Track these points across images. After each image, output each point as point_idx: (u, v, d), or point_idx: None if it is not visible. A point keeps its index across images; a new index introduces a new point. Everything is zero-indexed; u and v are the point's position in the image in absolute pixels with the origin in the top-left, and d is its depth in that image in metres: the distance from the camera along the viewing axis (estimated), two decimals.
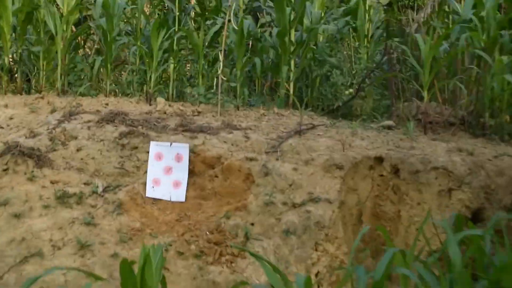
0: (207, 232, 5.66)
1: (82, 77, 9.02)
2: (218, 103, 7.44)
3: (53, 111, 7.58)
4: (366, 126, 7.51)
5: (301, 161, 6.24)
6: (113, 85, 9.13)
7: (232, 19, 7.64)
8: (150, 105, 7.81)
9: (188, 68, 10.77)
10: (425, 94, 7.21)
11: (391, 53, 8.62)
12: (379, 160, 6.26)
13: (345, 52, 9.38)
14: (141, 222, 5.75)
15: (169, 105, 7.50)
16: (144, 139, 6.36)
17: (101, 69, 8.69)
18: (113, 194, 5.93)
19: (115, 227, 5.65)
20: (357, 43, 9.58)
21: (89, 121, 6.70)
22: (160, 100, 7.45)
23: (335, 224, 5.79)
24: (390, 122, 7.55)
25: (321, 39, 9.74)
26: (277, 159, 6.26)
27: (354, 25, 10.33)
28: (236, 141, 6.44)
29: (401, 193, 6.15)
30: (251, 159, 6.18)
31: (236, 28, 7.69)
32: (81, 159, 6.25)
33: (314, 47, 9.30)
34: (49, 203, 5.67)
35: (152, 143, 6.26)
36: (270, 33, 9.56)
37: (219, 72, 7.45)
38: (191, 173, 6.22)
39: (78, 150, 6.33)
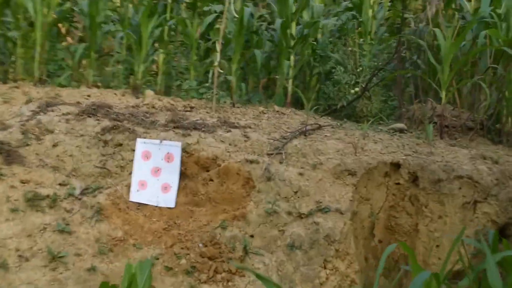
0: (200, 244, 4.91)
1: (63, 67, 8.20)
2: (213, 98, 6.69)
3: (28, 101, 6.78)
4: (376, 129, 6.80)
5: (308, 165, 5.51)
6: (97, 76, 8.34)
7: (232, 6, 6.88)
8: (137, 98, 7.05)
9: (177, 60, 10.03)
10: (443, 95, 6.51)
11: (400, 50, 7.91)
12: (396, 166, 5.54)
13: (349, 49, 8.63)
14: (123, 231, 4.99)
15: (159, 99, 6.73)
16: (130, 136, 5.60)
17: (84, 59, 7.88)
18: (92, 197, 5.16)
19: (94, 236, 4.88)
20: (361, 40, 8.83)
21: (68, 114, 5.92)
22: (149, 92, 6.69)
23: (346, 238, 5.06)
24: (401, 125, 6.84)
25: (319, 35, 9.03)
26: (280, 162, 5.53)
27: (357, 20, 9.59)
28: (235, 141, 5.69)
29: (419, 204, 5.44)
30: (251, 162, 5.45)
31: (236, 16, 6.91)
32: (57, 156, 5.47)
33: (314, 43, 8.62)
34: (17, 206, 4.89)
35: (139, 140, 5.50)
36: (266, 26, 8.90)
37: (216, 64, 6.68)
38: (183, 175, 5.46)
39: (54, 145, 5.54)
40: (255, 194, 5.27)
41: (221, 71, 6.83)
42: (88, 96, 6.78)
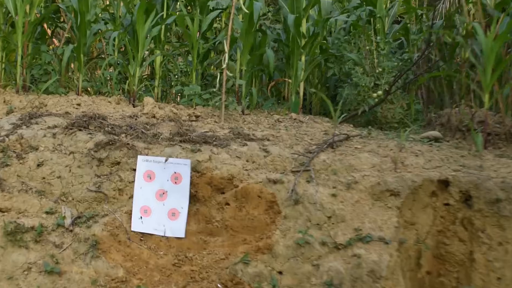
0: (219, 285, 4.04)
1: (49, 72, 7.28)
2: (221, 106, 5.81)
3: (9, 112, 5.91)
4: (407, 137, 5.94)
5: (341, 184, 4.65)
6: (87, 81, 7.43)
7: (240, 0, 6.00)
8: (134, 106, 6.17)
9: (172, 63, 9.17)
10: (485, 98, 5.66)
11: (428, 49, 7.10)
12: (444, 184, 4.69)
13: (367, 47, 7.79)
14: (125, 269, 4.12)
15: (159, 107, 5.84)
16: (129, 152, 4.73)
17: (72, 62, 6.99)
18: (86, 228, 4.29)
19: (89, 277, 4.02)
20: (378, 37, 8.00)
21: (54, 127, 5.04)
22: (148, 100, 5.80)
23: (394, 273, 4.20)
24: (436, 133, 5.99)
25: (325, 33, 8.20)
26: (308, 181, 4.67)
27: (373, 16, 8.74)
28: (253, 156, 4.83)
29: (474, 229, 4.59)
30: (274, 181, 4.59)
31: (246, 11, 6.03)
32: (43, 178, 4.60)
33: (325, 42, 7.79)
34: None
35: (140, 158, 4.63)
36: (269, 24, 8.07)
37: (224, 66, 5.81)
38: (193, 198, 4.60)
39: (39, 165, 4.68)
40: (282, 220, 4.41)
41: (230, 74, 5.95)
42: (78, 105, 5.90)
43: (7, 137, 4.87)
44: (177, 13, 7.32)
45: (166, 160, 4.59)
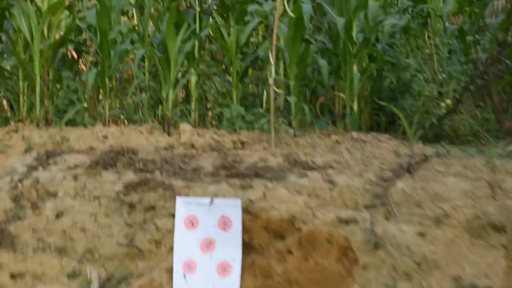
0: None
1: (73, 101, 6.47)
2: (271, 129, 4.94)
3: (27, 150, 5.15)
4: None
5: (428, 219, 3.74)
6: (116, 109, 6.64)
7: (284, 3, 5.13)
8: (169, 135, 5.34)
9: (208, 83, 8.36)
10: None
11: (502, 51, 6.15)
12: None
13: (426, 51, 6.86)
14: None
15: (198, 135, 5.01)
16: (166, 193, 3.89)
17: (98, 88, 6.21)
18: None
19: None
20: (436, 39, 7.07)
21: (76, 166, 4.23)
22: (185, 127, 4.98)
23: None
24: None
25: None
26: (387, 218, 3.77)
27: (430, 15, 7.79)
28: (316, 190, 3.94)
29: None
30: (346, 221, 3.70)
31: (292, 15, 5.15)
32: (63, 231, 3.79)
33: (374, 48, 6.87)
34: None
35: (180, 201, 3.78)
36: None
37: (270, 81, 4.95)
38: (247, 247, 3.73)
39: (58, 216, 3.87)
40: (360, 271, 3.51)
41: (278, 90, 5.08)
42: (105, 137, 5.10)
43: (21, 183, 4.08)
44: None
45: (211, 202, 3.74)
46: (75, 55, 7.84)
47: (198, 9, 6.62)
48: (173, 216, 3.79)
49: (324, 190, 3.95)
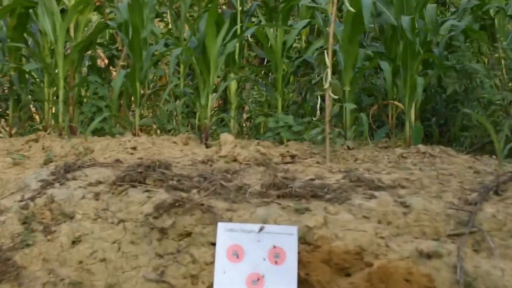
0: None
1: (101, 108, 5.83)
2: (326, 140, 4.22)
3: (47, 162, 4.51)
4: None
5: None
6: (148, 117, 6.00)
7: None
8: (207, 146, 4.67)
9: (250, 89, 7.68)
10: None
11: None
12: None
13: (496, 55, 6.09)
14: None
15: (241, 147, 4.32)
16: (205, 217, 3.20)
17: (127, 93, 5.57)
18: None
19: None
20: (504, 43, 6.29)
21: (98, 183, 3.58)
22: (226, 138, 4.29)
23: None
24: None
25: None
26: (477, 251, 3.03)
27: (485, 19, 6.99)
28: (387, 215, 3.22)
29: None
30: (428, 255, 2.97)
31: (351, 9, 4.43)
32: (80, 262, 3.12)
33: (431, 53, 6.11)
34: None
35: (222, 227, 3.09)
36: None
37: (326, 85, 4.24)
38: (304, 285, 3.00)
39: (74, 242, 3.21)
40: None
41: (335, 96, 4.37)
42: (133, 148, 4.44)
43: (32, 201, 3.43)
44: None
45: (260, 229, 3.04)
46: (105, 60, 7.28)
47: (239, 8, 5.96)
48: (214, 245, 3.10)
49: (397, 215, 3.23)
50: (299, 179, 3.63)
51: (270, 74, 7.36)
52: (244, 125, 7.17)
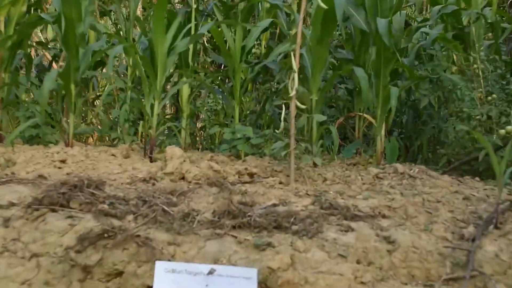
0: None
1: (33, 114, 5.11)
2: (290, 157, 3.60)
3: None
4: None
5: None
6: (90, 125, 5.30)
7: None
8: (151, 160, 3.99)
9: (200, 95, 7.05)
10: None
11: None
12: None
13: (475, 66, 5.56)
14: None
15: (190, 161, 3.66)
16: (140, 252, 2.53)
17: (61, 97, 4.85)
18: None
19: None
20: (482, 54, 5.77)
21: (11, 205, 2.87)
22: (173, 152, 3.62)
23: None
24: None
25: None
26: None
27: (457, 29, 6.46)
28: (367, 252, 2.62)
29: None
30: None
31: (323, 5, 3.81)
32: None
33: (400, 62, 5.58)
34: None
35: (161, 266, 2.42)
36: None
37: (292, 93, 3.61)
38: None
39: None
40: None
41: (303, 106, 3.74)
42: (63, 162, 3.74)
43: None
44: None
45: (210, 272, 2.38)
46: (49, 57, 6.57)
47: (194, 6, 5.32)
48: None
49: (380, 253, 2.62)
50: (259, 204, 2.99)
51: (227, 80, 6.76)
52: (197, 135, 6.55)
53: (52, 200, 2.80)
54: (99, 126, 5.06)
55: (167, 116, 6.58)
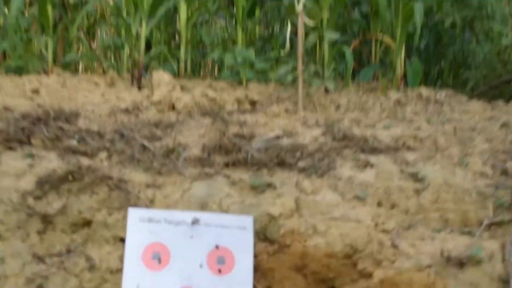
0: None
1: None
2: (299, 81, 3.08)
3: None
4: None
5: None
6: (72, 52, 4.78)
7: None
8: (140, 89, 3.49)
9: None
10: None
11: None
12: None
13: None
14: None
15: (183, 89, 3.16)
16: (112, 197, 2.07)
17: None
18: None
19: None
20: None
21: None
22: (161, 77, 3.12)
23: None
24: None
25: None
26: None
27: None
28: (390, 192, 2.13)
29: None
30: (459, 261, 1.86)
31: None
32: None
33: None
34: None
35: (136, 214, 1.96)
36: None
37: (298, 8, 3.06)
38: None
39: None
40: None
41: (310, 21, 3.20)
42: (35, 92, 3.24)
43: None
44: None
45: (195, 221, 1.91)
46: None
47: None
48: (123, 241, 1.97)
49: (406, 194, 2.14)
50: (259, 136, 2.50)
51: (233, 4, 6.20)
52: (200, 64, 6.02)
53: (8, 136, 2.33)
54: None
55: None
